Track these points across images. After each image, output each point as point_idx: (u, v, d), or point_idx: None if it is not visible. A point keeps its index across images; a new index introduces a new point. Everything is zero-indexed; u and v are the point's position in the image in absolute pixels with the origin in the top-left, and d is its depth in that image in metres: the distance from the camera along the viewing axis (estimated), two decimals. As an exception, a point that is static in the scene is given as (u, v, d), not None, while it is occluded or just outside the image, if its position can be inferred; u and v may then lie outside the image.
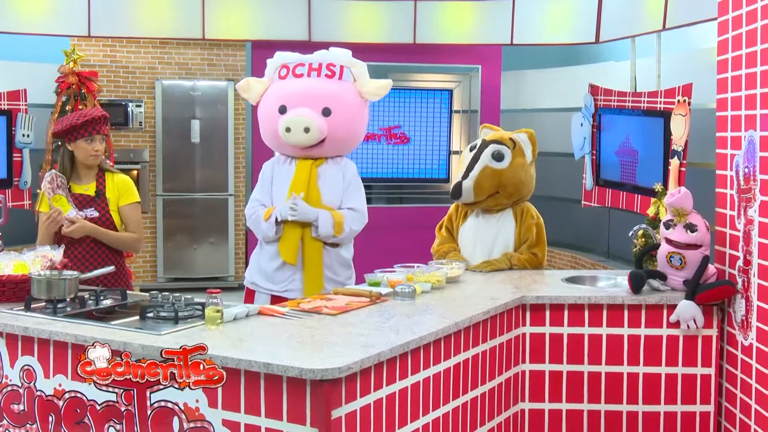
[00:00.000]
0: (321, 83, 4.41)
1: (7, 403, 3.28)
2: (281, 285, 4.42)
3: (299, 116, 4.30)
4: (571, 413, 3.89)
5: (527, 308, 3.84)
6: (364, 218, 4.48)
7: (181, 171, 8.72)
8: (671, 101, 6.27)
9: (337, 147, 4.45)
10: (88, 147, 4.16)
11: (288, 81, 4.45)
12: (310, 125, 4.29)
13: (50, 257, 3.67)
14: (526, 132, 4.62)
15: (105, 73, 8.44)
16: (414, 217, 8.79)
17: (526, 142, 4.59)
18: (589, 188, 7.61)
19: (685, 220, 3.86)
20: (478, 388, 3.52)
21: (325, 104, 4.35)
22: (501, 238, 4.52)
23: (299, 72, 4.43)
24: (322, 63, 4.43)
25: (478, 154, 4.52)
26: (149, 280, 8.66)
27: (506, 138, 4.56)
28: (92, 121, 4.16)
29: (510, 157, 4.50)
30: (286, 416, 2.72)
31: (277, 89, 4.46)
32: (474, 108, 8.98)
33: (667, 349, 3.85)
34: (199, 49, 8.65)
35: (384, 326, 3.22)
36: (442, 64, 8.92)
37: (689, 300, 3.77)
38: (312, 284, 4.34)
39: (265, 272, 4.46)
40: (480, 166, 4.47)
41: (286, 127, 4.31)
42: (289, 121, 4.31)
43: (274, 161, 4.56)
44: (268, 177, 4.51)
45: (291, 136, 4.32)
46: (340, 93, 4.41)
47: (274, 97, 4.44)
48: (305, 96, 4.37)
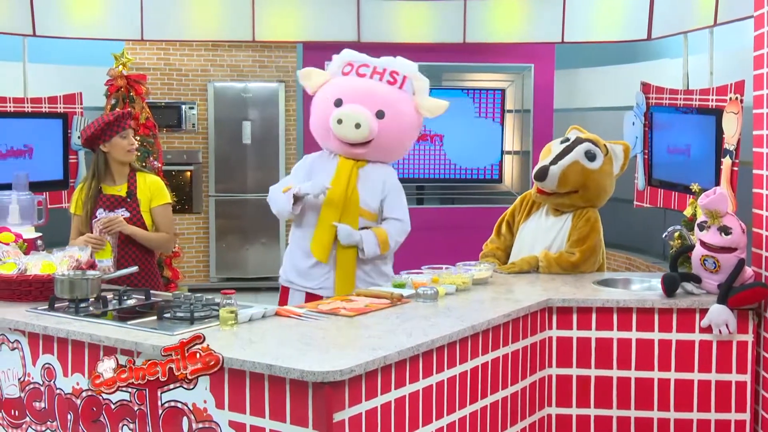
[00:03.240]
0: (381, 86, 4.40)
1: (29, 401, 3.34)
2: (315, 282, 4.39)
3: (353, 111, 4.28)
4: (599, 419, 3.80)
5: (554, 311, 3.76)
6: (407, 228, 4.45)
7: (233, 172, 8.81)
8: (723, 99, 6.08)
9: (382, 152, 4.42)
10: (124, 142, 4.22)
11: (349, 78, 4.44)
12: (362, 122, 4.27)
13: (77, 257, 3.73)
14: (622, 144, 4.54)
15: (159, 76, 8.58)
16: (466, 217, 8.72)
17: (618, 154, 4.50)
18: (641, 188, 7.44)
19: (719, 222, 3.73)
20: (499, 392, 3.46)
21: (381, 107, 4.33)
22: (558, 241, 4.43)
23: (362, 72, 4.42)
24: (387, 69, 4.43)
25: (571, 147, 4.42)
26: (202, 280, 8.76)
27: (601, 143, 4.48)
28: (122, 116, 4.25)
29: (602, 162, 4.42)
30: (290, 418, 2.71)
31: (337, 83, 4.45)
32: (527, 107, 8.87)
33: (699, 354, 3.73)
34: (250, 51, 8.73)
35: (398, 329, 3.19)
36: (493, 64, 8.82)
37: (721, 304, 3.65)
38: (344, 284, 4.30)
39: (299, 269, 4.44)
40: (571, 158, 4.38)
41: (338, 119, 4.28)
42: (342, 113, 4.28)
43: (315, 155, 4.53)
44: (306, 168, 4.48)
45: (341, 128, 4.28)
46: (397, 100, 4.39)
47: (332, 90, 4.43)
48: (363, 94, 4.35)
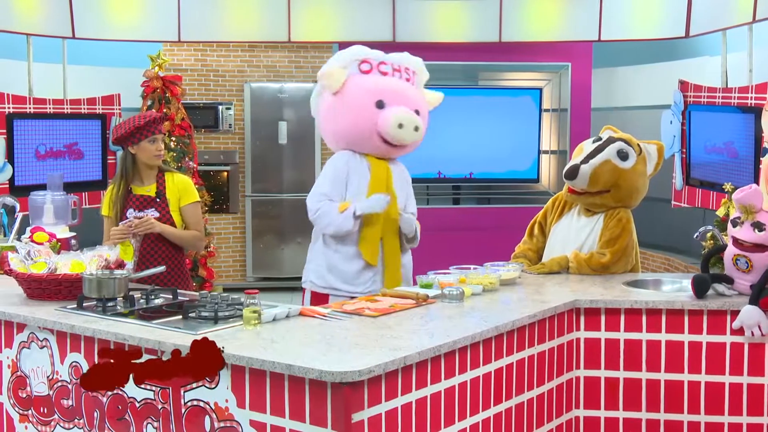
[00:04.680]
0: (409, 85, 4.44)
1: (57, 398, 3.39)
2: (363, 287, 4.30)
3: (410, 114, 4.29)
4: (628, 422, 3.74)
5: (581, 312, 3.72)
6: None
7: (270, 172, 8.86)
8: (762, 97, 5.98)
9: (410, 150, 4.46)
10: (152, 147, 4.24)
11: (377, 77, 4.37)
12: (419, 125, 4.30)
13: (106, 257, 3.77)
14: (656, 144, 4.49)
15: (196, 77, 8.66)
16: (503, 217, 8.66)
17: (652, 154, 4.45)
18: (679, 188, 7.35)
19: (753, 218, 3.66)
20: (524, 393, 3.43)
21: (416, 106, 4.37)
22: (589, 242, 4.38)
23: (384, 70, 4.39)
24: (402, 66, 4.44)
25: (603, 146, 4.38)
26: (239, 279, 8.82)
27: (634, 142, 4.44)
28: (153, 121, 4.24)
29: (634, 161, 4.37)
30: (309, 418, 2.71)
31: (371, 84, 4.34)
32: (564, 107, 8.79)
33: (731, 356, 3.66)
34: (286, 52, 8.77)
35: (421, 329, 3.18)
36: (530, 62, 8.75)
37: (753, 305, 3.58)
38: (392, 284, 4.25)
39: (344, 275, 4.31)
40: (602, 157, 4.34)
41: (399, 123, 4.24)
42: (402, 117, 4.25)
43: (346, 158, 4.36)
44: (343, 172, 4.33)
45: (401, 132, 4.26)
46: (422, 98, 4.48)
47: (370, 91, 4.32)
48: (402, 95, 4.35)
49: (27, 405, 3.49)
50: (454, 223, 8.71)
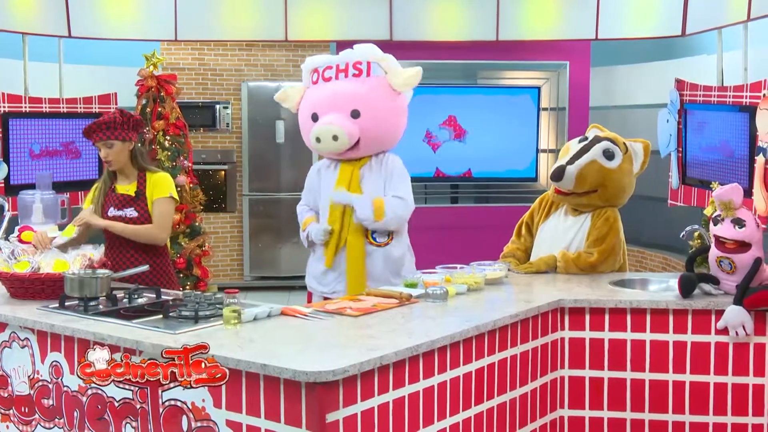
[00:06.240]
0: (348, 85, 4.40)
1: (38, 398, 3.39)
2: (329, 287, 4.50)
3: (326, 125, 4.32)
4: (613, 422, 3.73)
5: (566, 312, 3.70)
6: (408, 204, 4.42)
7: (267, 171, 8.85)
8: (757, 95, 5.95)
9: (375, 145, 4.44)
10: (101, 153, 4.18)
11: (318, 87, 4.47)
12: (338, 132, 4.29)
13: (89, 256, 3.77)
14: (642, 142, 4.47)
15: (193, 76, 8.65)
16: (501, 216, 8.61)
17: (638, 152, 4.44)
18: (675, 187, 7.31)
19: (733, 214, 3.64)
20: (507, 393, 3.42)
21: (354, 106, 4.34)
22: (576, 241, 4.37)
23: (327, 75, 4.43)
24: (349, 62, 4.42)
25: (589, 146, 4.38)
26: (236, 278, 8.82)
27: (620, 141, 4.42)
28: (94, 127, 4.12)
29: (620, 160, 4.36)
30: (284, 418, 2.71)
31: (309, 96, 4.50)
32: (562, 105, 8.76)
33: (715, 356, 3.65)
34: (284, 51, 8.76)
35: (401, 329, 3.17)
36: (528, 61, 8.72)
37: (737, 305, 3.56)
38: (355, 286, 4.32)
39: (315, 274, 4.57)
40: (588, 158, 4.33)
41: (316, 138, 4.35)
42: (317, 131, 4.34)
43: (321, 166, 4.59)
44: (315, 182, 4.57)
45: (322, 146, 4.37)
46: (367, 92, 4.39)
47: (307, 105, 4.49)
48: (333, 101, 4.38)
49: (8, 405, 3.49)
50: (452, 222, 8.68)
